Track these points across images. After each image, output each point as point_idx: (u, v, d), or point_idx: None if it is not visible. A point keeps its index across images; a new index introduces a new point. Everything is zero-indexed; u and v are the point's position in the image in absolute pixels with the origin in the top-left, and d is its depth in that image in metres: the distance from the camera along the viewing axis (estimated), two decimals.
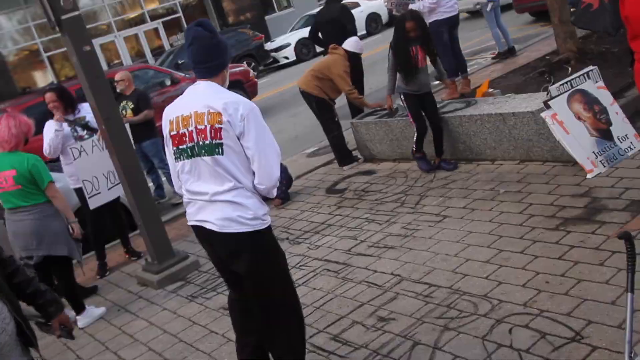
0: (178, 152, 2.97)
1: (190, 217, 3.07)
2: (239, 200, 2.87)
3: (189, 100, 2.97)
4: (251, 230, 2.89)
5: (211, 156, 2.85)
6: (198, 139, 2.86)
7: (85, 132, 5.81)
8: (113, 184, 5.70)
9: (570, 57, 7.07)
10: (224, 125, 2.81)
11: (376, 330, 3.63)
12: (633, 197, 4.21)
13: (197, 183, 2.95)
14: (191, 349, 4.09)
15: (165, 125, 3.03)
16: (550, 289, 3.49)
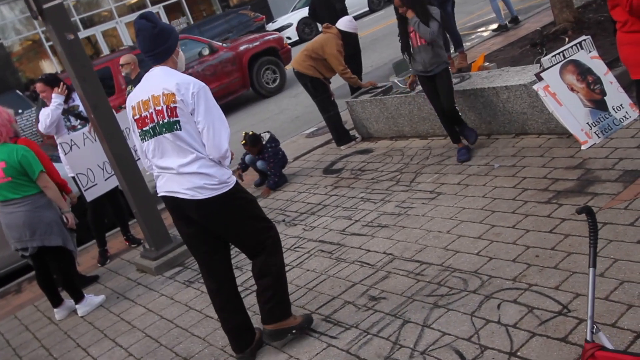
0: (142, 133, 3.28)
1: (160, 189, 3.35)
2: (203, 171, 3.20)
3: (146, 86, 3.26)
4: (219, 194, 3.23)
5: (171, 132, 3.15)
6: (157, 119, 3.17)
7: (78, 121, 5.82)
8: (110, 174, 5.71)
9: (567, 28, 6.95)
10: (178, 104, 3.12)
11: (367, 309, 3.63)
12: (626, 167, 4.14)
13: (162, 159, 3.26)
14: (186, 334, 4.12)
15: (129, 111, 3.32)
16: (539, 262, 3.46)
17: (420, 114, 6.15)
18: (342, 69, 6.63)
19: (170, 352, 3.95)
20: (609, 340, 2.62)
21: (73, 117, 5.84)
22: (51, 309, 5.13)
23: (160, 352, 4.00)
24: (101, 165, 5.72)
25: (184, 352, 3.89)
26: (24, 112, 13.53)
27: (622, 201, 3.76)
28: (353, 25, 6.84)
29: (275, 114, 10.76)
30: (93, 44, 25.81)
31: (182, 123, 3.14)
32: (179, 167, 3.19)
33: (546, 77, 4.82)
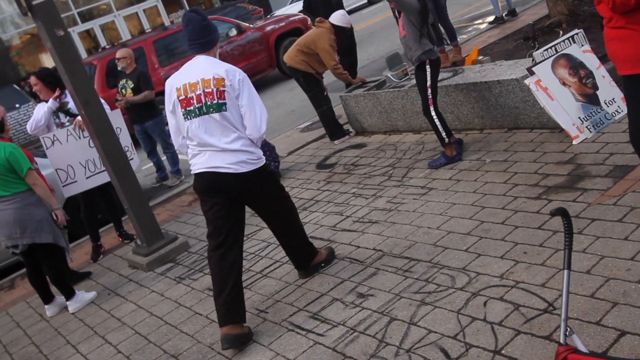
0: (186, 113, 3.59)
1: (200, 165, 3.66)
2: (245, 148, 3.62)
3: (193, 70, 3.62)
4: (258, 167, 3.68)
5: (219, 112, 3.53)
6: (206, 100, 3.53)
7: (67, 119, 5.80)
8: (93, 173, 5.69)
9: (562, 20, 6.90)
10: (227, 89, 3.53)
11: (355, 306, 3.62)
12: (617, 162, 4.12)
13: (206, 136, 3.57)
14: (175, 331, 4.11)
15: (172, 93, 3.63)
16: (527, 259, 3.45)
17: (413, 109, 6.12)
18: (333, 65, 6.59)
19: (159, 350, 3.94)
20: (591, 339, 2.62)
21: (62, 113, 5.83)
22: (43, 306, 5.13)
23: (149, 350, 3.99)
24: (83, 164, 5.70)
25: (172, 350, 3.88)
26: (21, 106, 13.52)
27: (612, 197, 3.74)
28: (346, 20, 6.79)
29: (270, 108, 10.72)
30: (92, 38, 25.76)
31: (228, 105, 3.54)
32: (224, 144, 3.57)
33: (538, 71, 4.79)
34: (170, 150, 8.06)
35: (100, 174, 5.73)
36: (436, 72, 5.03)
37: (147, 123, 7.84)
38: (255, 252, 4.86)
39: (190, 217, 6.31)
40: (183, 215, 6.46)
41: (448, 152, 5.14)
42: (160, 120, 7.96)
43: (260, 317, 3.89)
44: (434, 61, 4.97)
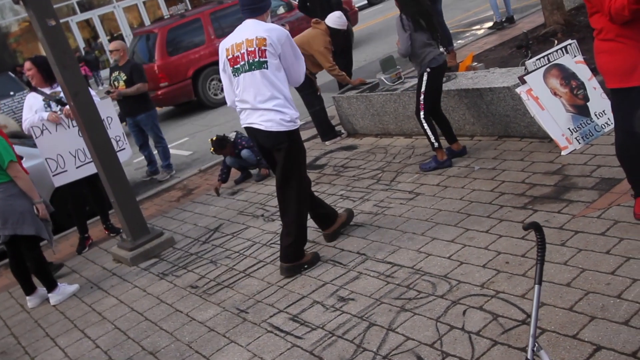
0: (234, 70, 3.98)
1: (242, 122, 4.11)
2: (279, 108, 3.92)
3: (240, 32, 3.97)
4: (287, 130, 3.96)
5: (260, 70, 3.86)
6: (249, 57, 3.87)
7: (59, 107, 5.76)
8: (83, 162, 5.66)
9: (557, 30, 6.90)
10: (268, 48, 3.84)
11: (335, 310, 3.60)
12: (603, 175, 4.12)
13: (245, 93, 3.95)
14: (155, 327, 4.09)
15: (222, 54, 4.04)
16: (509, 269, 3.44)
17: (405, 113, 6.11)
18: (329, 66, 6.57)
19: (137, 346, 3.92)
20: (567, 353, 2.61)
21: (54, 102, 5.79)
22: (25, 297, 5.10)
23: (127, 345, 3.97)
24: (73, 153, 5.67)
25: (150, 346, 3.86)
26: (15, 94, 13.44)
27: (596, 210, 3.73)
28: (342, 22, 6.76)
29: None
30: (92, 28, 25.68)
31: (269, 64, 3.85)
32: (258, 103, 3.92)
33: (529, 80, 4.78)
34: (162, 145, 8.04)
35: (90, 164, 5.69)
36: (435, 79, 5.01)
37: (140, 116, 7.81)
38: (240, 251, 4.84)
39: (178, 213, 6.28)
40: (171, 211, 6.43)
41: (439, 156, 5.14)
42: (153, 113, 7.94)
43: (241, 317, 3.87)
44: (433, 69, 4.96)
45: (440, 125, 5.17)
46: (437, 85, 5.09)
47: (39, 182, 6.04)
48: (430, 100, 5.05)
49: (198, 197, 6.60)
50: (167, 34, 11.30)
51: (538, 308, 1.80)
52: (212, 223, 5.67)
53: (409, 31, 4.82)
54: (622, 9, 2.97)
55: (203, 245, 5.21)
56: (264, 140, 4.07)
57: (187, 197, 6.74)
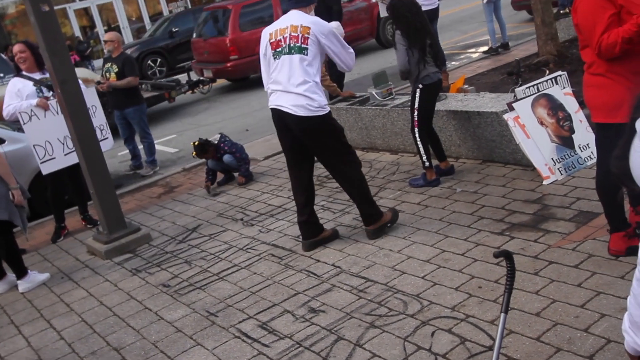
0: (275, 53, 4.15)
1: (270, 103, 4.24)
2: (308, 94, 4.06)
3: (285, 20, 4.18)
4: (317, 115, 4.08)
5: (299, 54, 4.05)
6: (291, 42, 4.07)
7: (51, 93, 5.71)
8: (71, 150, 5.59)
9: (549, 60, 6.97)
10: (311, 36, 4.05)
11: (304, 321, 3.59)
12: (582, 208, 4.15)
13: (280, 75, 4.10)
14: (122, 323, 4.04)
15: (265, 37, 4.21)
16: (481, 294, 3.44)
17: (393, 129, 6.13)
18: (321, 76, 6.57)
19: (102, 341, 3.87)
20: None
21: (45, 88, 5.74)
22: None
23: (92, 340, 3.92)
24: (62, 140, 5.61)
25: (115, 342, 3.81)
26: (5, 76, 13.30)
27: (572, 242, 3.75)
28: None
29: (255, 110, 10.69)
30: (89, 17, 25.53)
31: (308, 51, 4.05)
32: (290, 86, 4.06)
33: (518, 107, 4.81)
34: (148, 140, 7.99)
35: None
36: (427, 96, 5.02)
37: (128, 109, 7.77)
38: (216, 254, 4.81)
39: (157, 210, 6.24)
40: (151, 207, 6.38)
41: (428, 175, 5.18)
42: (142, 108, 7.89)
43: (210, 320, 3.84)
44: (426, 86, 4.97)
45: (432, 142, 5.20)
46: (430, 102, 5.10)
47: (19, 167, 5.98)
48: (423, 117, 5.08)
49: (179, 195, 6.56)
50: (240, 10, 12.14)
51: (502, 336, 1.80)
52: (190, 223, 5.63)
53: (405, 46, 4.84)
54: (614, 46, 3.01)
55: (179, 245, 5.17)
56: (292, 124, 4.15)
57: (169, 194, 6.70)
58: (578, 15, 3.17)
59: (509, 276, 1.80)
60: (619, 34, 2.98)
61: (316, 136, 4.19)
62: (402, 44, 4.85)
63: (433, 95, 5.09)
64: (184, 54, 17.71)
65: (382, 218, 4.44)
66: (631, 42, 2.97)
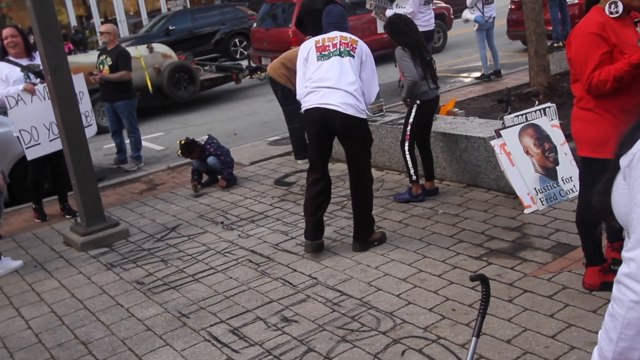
0: (320, 56, 4.30)
1: (311, 103, 4.26)
2: (356, 94, 4.22)
3: (332, 34, 4.37)
4: (361, 117, 4.25)
5: (349, 57, 4.25)
6: (341, 47, 4.28)
7: (38, 80, 5.66)
8: (56, 136, 5.54)
9: (540, 91, 7.06)
10: (358, 49, 4.32)
11: (276, 329, 3.57)
12: (560, 239, 4.19)
13: (331, 72, 4.21)
14: (92, 317, 3.99)
15: (309, 44, 4.41)
16: (454, 317, 3.45)
17: (380, 145, 6.15)
18: None
19: (70, 333, 3.82)
20: None
21: (33, 74, 5.70)
22: None
23: (60, 331, 3.86)
24: (47, 126, 5.56)
25: (83, 336, 3.77)
26: None
27: (548, 272, 3.78)
28: None
29: (245, 115, 10.69)
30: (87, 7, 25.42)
31: (356, 57, 4.28)
32: (342, 84, 4.18)
33: (505, 135, 4.86)
34: (135, 135, 7.95)
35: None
36: (424, 112, 5.11)
37: (118, 103, 7.74)
38: (193, 255, 4.78)
39: (138, 206, 6.19)
40: (132, 203, 6.33)
41: (414, 189, 5.22)
42: (132, 103, 7.86)
43: (181, 320, 3.81)
44: (423, 102, 5.06)
45: (424, 160, 5.27)
46: (426, 119, 5.21)
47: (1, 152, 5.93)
48: (416, 133, 5.13)
49: (162, 193, 6.52)
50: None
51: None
52: (170, 222, 5.59)
53: (410, 60, 4.91)
54: (605, 83, 3.05)
55: (157, 243, 5.14)
56: (337, 121, 4.19)
57: (151, 191, 6.65)
58: (571, 49, 3.22)
59: (484, 300, 1.81)
60: (611, 72, 3.03)
61: (356, 137, 4.31)
62: (407, 57, 4.91)
63: (430, 112, 5.19)
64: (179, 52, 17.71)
65: (372, 235, 4.50)
66: (622, 80, 3.02)
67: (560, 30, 10.24)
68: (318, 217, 4.43)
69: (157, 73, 11.27)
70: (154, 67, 11.21)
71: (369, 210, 4.50)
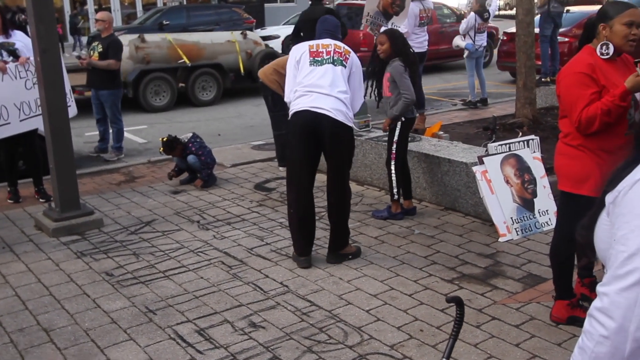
0: (313, 61, 4.32)
1: (302, 105, 4.25)
2: (346, 102, 4.29)
3: (326, 40, 4.41)
4: (349, 125, 4.32)
5: (341, 67, 4.33)
6: (335, 55, 4.34)
7: (10, 58, 5.61)
8: (27, 116, 5.48)
9: (524, 123, 7.16)
10: (350, 59, 4.40)
11: (243, 334, 3.55)
12: (532, 270, 4.23)
13: (323, 80, 4.25)
14: (57, 305, 3.93)
15: (302, 48, 4.39)
16: (421, 337, 3.46)
17: (364, 160, 6.18)
18: None
19: (32, 319, 3.75)
20: None
21: (6, 52, 5.64)
22: None
23: (22, 316, 3.80)
24: (18, 105, 5.49)
25: (45, 323, 3.70)
26: None
27: (517, 302, 3.82)
28: None
29: (231, 116, 10.66)
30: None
31: (347, 68, 4.35)
32: (334, 91, 4.22)
33: (487, 162, 4.91)
34: (118, 126, 7.89)
35: (35, 118, 5.52)
36: (407, 130, 5.18)
37: (103, 91, 7.70)
38: (166, 251, 4.74)
39: (114, 197, 6.13)
40: (108, 193, 6.26)
41: (393, 207, 5.25)
42: (116, 92, 7.81)
43: (147, 316, 3.76)
44: (407, 120, 5.13)
45: (403, 178, 5.28)
46: (407, 137, 5.24)
47: None
48: (402, 151, 5.19)
49: (140, 186, 6.46)
50: None
51: None
52: (145, 216, 5.54)
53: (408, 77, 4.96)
54: (594, 118, 3.10)
55: (130, 236, 5.08)
56: (325, 125, 4.21)
57: (129, 183, 6.59)
58: (561, 87, 3.27)
59: (457, 323, 1.82)
60: (599, 106, 3.08)
61: (342, 144, 4.34)
62: (407, 76, 4.93)
63: (409, 130, 5.23)
64: None
65: (348, 247, 4.52)
66: (610, 114, 3.07)
67: (549, 66, 10.40)
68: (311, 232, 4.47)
69: (248, 57, 12.40)
70: (246, 52, 12.39)
71: (346, 221, 4.51)
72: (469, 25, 9.62)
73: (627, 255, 1.24)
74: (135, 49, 11.17)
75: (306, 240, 4.44)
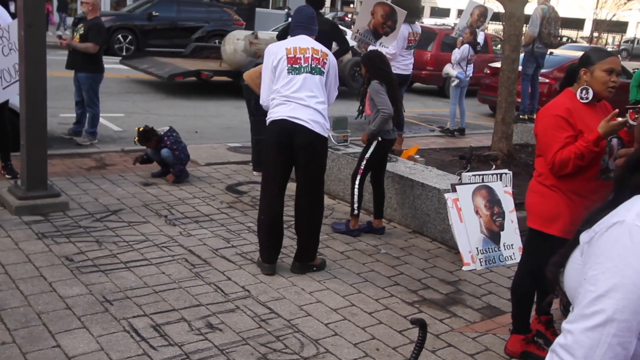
0: (292, 69, 4.24)
1: (280, 114, 4.23)
2: (323, 112, 4.30)
3: (303, 41, 4.34)
4: (324, 136, 4.33)
5: (319, 75, 4.30)
6: (313, 62, 4.28)
7: None
8: (9, 83, 5.36)
9: (499, 157, 7.27)
10: (327, 63, 4.38)
11: (199, 334, 3.51)
12: (491, 302, 4.28)
13: (301, 91, 4.22)
14: (11, 285, 3.84)
15: (280, 52, 4.26)
16: (377, 356, 3.47)
17: (338, 175, 6.20)
18: None
19: None
20: None
21: None
22: None
23: None
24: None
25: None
26: None
27: (474, 331, 3.86)
28: None
29: (210, 115, 10.60)
30: None
31: (325, 75, 4.35)
32: (311, 102, 4.21)
33: (460, 191, 4.97)
34: (93, 111, 7.78)
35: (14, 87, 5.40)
36: (382, 150, 5.22)
37: (81, 74, 7.62)
38: (129, 242, 4.67)
39: (83, 182, 6.03)
40: (77, 177, 6.16)
41: (352, 223, 5.27)
42: (95, 77, 7.71)
43: (104, 306, 3.70)
44: (384, 140, 5.17)
45: (377, 197, 5.35)
46: (382, 157, 5.28)
47: None
48: (369, 168, 5.21)
49: (110, 174, 6.37)
50: (444, 36, 15.41)
51: None
52: (113, 204, 5.46)
53: (385, 93, 5.00)
54: (567, 161, 3.17)
55: (95, 223, 5.00)
56: (301, 136, 4.21)
57: (99, 170, 6.49)
58: (538, 127, 3.34)
59: (418, 345, 1.83)
60: (572, 149, 3.15)
61: (317, 154, 4.34)
62: (383, 91, 5.00)
63: (386, 151, 5.30)
64: (157, 40, 17.52)
65: (314, 260, 4.52)
66: (583, 158, 3.14)
67: (527, 104, 10.59)
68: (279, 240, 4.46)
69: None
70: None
71: (315, 234, 4.49)
72: (463, 56, 9.74)
73: (596, 296, 1.27)
74: (250, 44, 11.94)
75: (273, 248, 4.42)
